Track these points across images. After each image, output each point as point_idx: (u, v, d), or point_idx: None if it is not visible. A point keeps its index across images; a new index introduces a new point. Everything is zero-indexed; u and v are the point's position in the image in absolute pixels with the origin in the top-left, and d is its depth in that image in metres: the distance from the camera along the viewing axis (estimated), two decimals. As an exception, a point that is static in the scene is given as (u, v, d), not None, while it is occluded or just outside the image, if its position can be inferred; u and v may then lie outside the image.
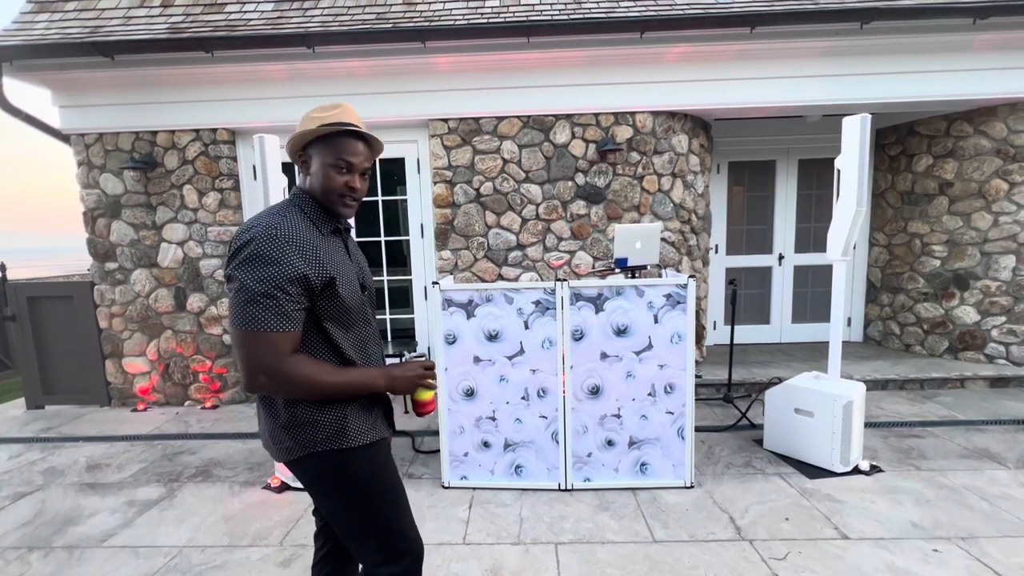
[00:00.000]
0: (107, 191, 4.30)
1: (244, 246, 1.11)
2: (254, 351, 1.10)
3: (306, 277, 1.13)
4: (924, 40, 3.92)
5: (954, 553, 2.16)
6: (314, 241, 1.18)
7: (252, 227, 1.14)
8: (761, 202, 5.37)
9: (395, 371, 1.27)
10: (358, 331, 1.28)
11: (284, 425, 1.21)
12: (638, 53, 3.97)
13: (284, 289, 1.10)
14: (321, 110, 1.23)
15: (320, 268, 1.16)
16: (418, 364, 1.30)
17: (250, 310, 1.09)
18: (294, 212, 1.21)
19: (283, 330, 1.11)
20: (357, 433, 1.24)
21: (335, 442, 1.22)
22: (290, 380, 1.13)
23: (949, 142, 4.51)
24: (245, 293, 1.09)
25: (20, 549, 2.39)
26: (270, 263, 1.10)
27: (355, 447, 1.23)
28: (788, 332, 5.48)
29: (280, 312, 1.10)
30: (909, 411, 3.76)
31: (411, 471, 3.07)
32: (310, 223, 1.21)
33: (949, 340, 4.64)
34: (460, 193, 4.24)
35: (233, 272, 1.12)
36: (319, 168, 1.22)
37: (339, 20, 3.98)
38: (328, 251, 1.21)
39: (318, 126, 1.20)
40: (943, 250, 4.61)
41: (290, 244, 1.13)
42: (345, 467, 1.24)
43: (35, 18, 4.21)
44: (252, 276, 1.09)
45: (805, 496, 2.65)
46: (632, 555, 2.21)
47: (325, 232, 1.24)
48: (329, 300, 1.19)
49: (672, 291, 2.65)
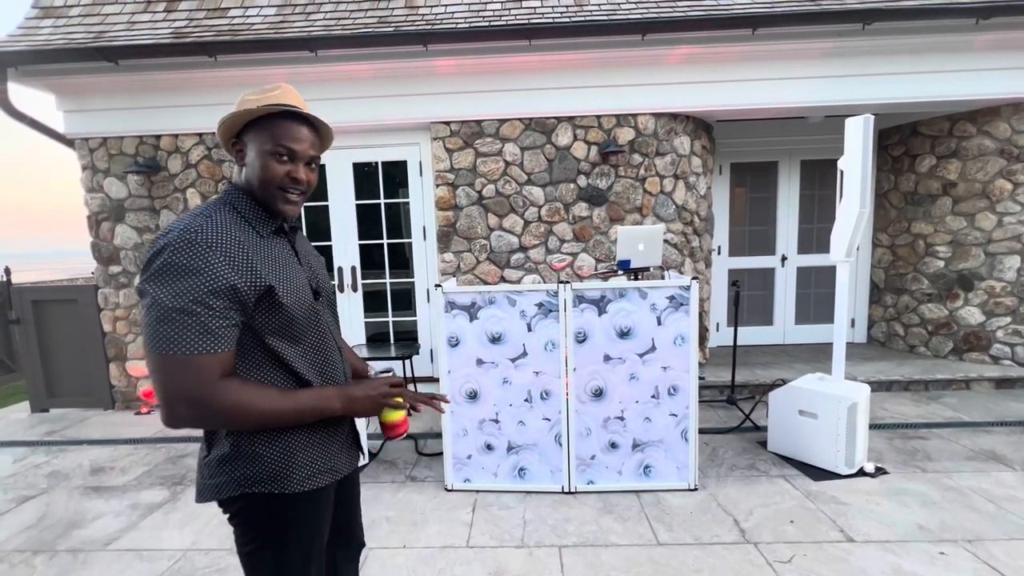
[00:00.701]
0: (111, 195, 4.33)
1: (157, 254, 0.94)
2: (172, 378, 0.92)
3: (234, 287, 0.96)
4: (927, 40, 3.91)
5: (960, 556, 2.14)
6: (246, 244, 1.01)
7: (168, 231, 0.97)
8: (764, 203, 5.36)
9: (354, 391, 1.10)
10: (310, 343, 1.11)
11: (221, 458, 1.03)
12: (640, 55, 3.97)
13: (205, 303, 0.93)
14: (258, 92, 1.07)
15: (253, 276, 0.99)
16: (383, 381, 1.14)
17: (164, 329, 0.91)
18: (223, 211, 1.03)
19: (207, 351, 0.93)
20: (305, 476, 1.07)
21: (275, 484, 1.04)
22: (220, 410, 0.94)
23: (952, 142, 4.50)
24: (158, 309, 0.91)
25: (25, 552, 2.39)
26: (188, 273, 0.93)
27: (300, 493, 1.06)
28: (791, 333, 5.46)
29: (202, 329, 0.93)
30: (914, 412, 3.74)
31: (414, 474, 3.06)
32: (244, 223, 1.04)
33: (954, 341, 4.62)
34: (462, 195, 4.24)
35: (144, 286, 0.94)
36: (256, 157, 1.05)
37: (341, 24, 3.99)
38: (267, 255, 1.04)
39: (256, 107, 1.04)
40: (947, 251, 4.60)
41: (213, 249, 0.95)
42: (283, 513, 1.07)
43: (40, 24, 4.24)
44: (166, 289, 0.92)
45: (810, 498, 2.63)
46: (636, 558, 2.20)
47: (265, 233, 1.07)
48: (269, 312, 1.02)
49: (675, 293, 2.65)
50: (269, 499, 1.05)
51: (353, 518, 1.40)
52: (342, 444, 1.18)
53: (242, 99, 1.07)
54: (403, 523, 2.53)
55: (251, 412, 0.97)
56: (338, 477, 1.16)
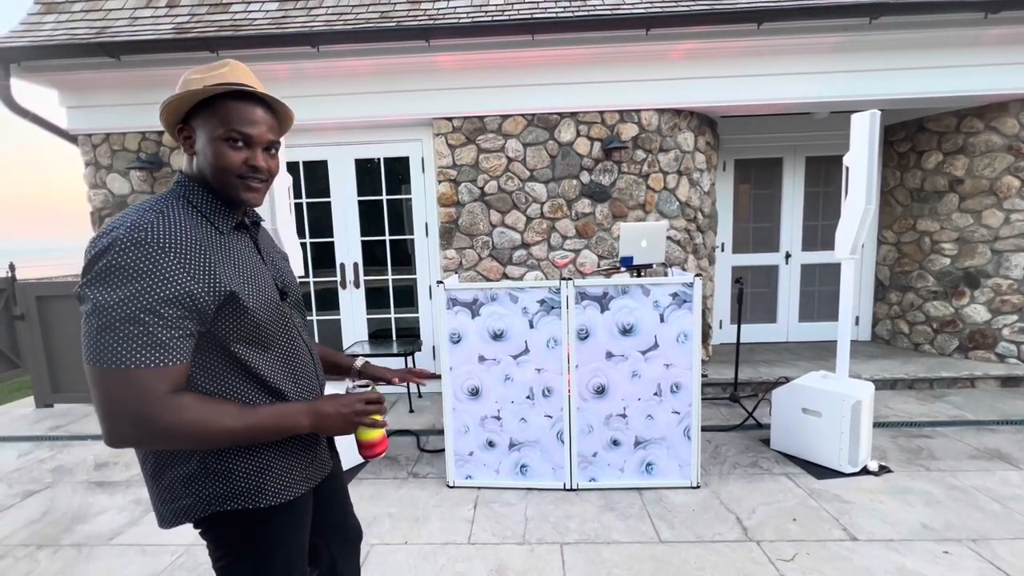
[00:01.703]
0: (114, 191, 4.33)
1: (100, 255, 0.82)
2: (112, 394, 0.81)
3: (190, 294, 0.85)
4: (934, 35, 3.86)
5: (965, 555, 2.13)
6: (204, 244, 0.90)
7: (112, 228, 0.84)
8: (768, 200, 5.33)
9: (325, 407, 0.99)
10: (281, 349, 1.02)
11: (187, 476, 0.93)
12: (643, 50, 3.94)
13: (155, 311, 0.82)
14: (204, 70, 0.94)
15: (212, 282, 0.88)
16: (357, 397, 1.03)
17: (106, 339, 0.80)
18: (175, 206, 0.91)
19: (156, 364, 0.82)
20: (280, 488, 1.00)
21: (249, 499, 0.96)
22: (168, 430, 0.83)
23: (959, 138, 4.45)
24: (100, 317, 0.80)
25: (29, 547, 2.41)
26: (136, 277, 0.81)
27: (275, 506, 1.00)
28: (795, 331, 5.44)
29: (150, 341, 0.82)
30: (918, 411, 3.72)
31: (416, 470, 3.07)
32: (201, 219, 0.93)
33: (959, 339, 4.59)
34: (465, 192, 4.23)
35: (84, 291, 0.82)
36: (207, 144, 0.93)
37: (343, 19, 3.98)
38: (228, 255, 0.94)
39: (201, 88, 0.91)
40: (953, 248, 4.56)
41: (165, 251, 0.84)
42: (258, 528, 1.00)
43: (42, 19, 4.24)
44: (110, 295, 0.80)
45: (813, 497, 2.62)
46: (638, 555, 2.20)
47: (224, 229, 0.96)
48: (233, 319, 0.92)
49: (678, 290, 2.63)
50: (243, 515, 0.97)
51: (344, 513, 1.32)
52: (318, 451, 1.10)
53: (185, 78, 0.93)
54: (405, 519, 2.53)
55: (204, 432, 0.86)
56: (313, 485, 1.09)
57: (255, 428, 0.92)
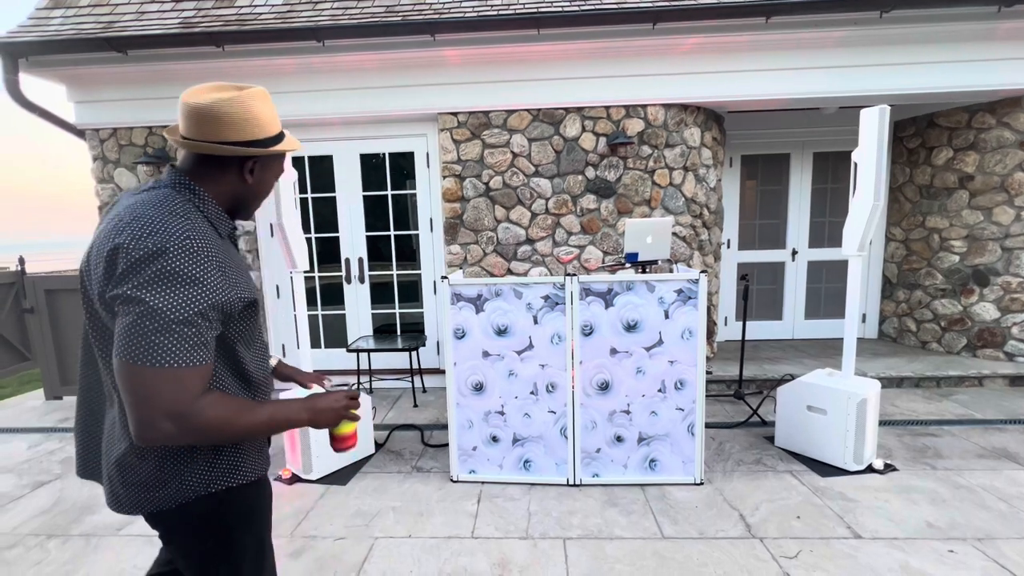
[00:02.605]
0: (121, 185, 4.36)
1: (150, 259, 0.87)
2: (160, 392, 0.86)
3: (226, 300, 0.94)
4: (946, 29, 3.81)
5: (970, 554, 2.12)
6: (222, 251, 0.98)
7: (152, 232, 0.88)
8: (775, 196, 5.29)
9: (319, 403, 1.10)
10: (259, 345, 1.13)
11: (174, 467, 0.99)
12: (650, 44, 3.91)
13: (205, 315, 0.90)
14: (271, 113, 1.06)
15: (239, 288, 0.98)
16: (343, 394, 1.15)
17: (162, 341, 0.86)
18: (193, 212, 0.98)
19: (199, 363, 0.90)
20: (253, 467, 1.10)
21: (232, 478, 1.05)
22: (203, 425, 0.90)
23: (970, 134, 4.39)
24: (158, 319, 0.86)
25: (39, 536, 2.44)
26: (191, 283, 0.88)
27: (251, 482, 1.09)
28: (801, 328, 5.41)
29: (200, 342, 0.90)
30: (925, 409, 3.69)
31: (420, 464, 3.08)
32: (209, 224, 1.00)
33: (967, 337, 4.55)
34: (469, 187, 4.22)
35: (136, 292, 0.86)
36: (266, 178, 1.10)
37: (348, 13, 3.97)
38: (233, 261, 1.02)
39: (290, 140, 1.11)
40: (962, 245, 4.51)
41: (209, 259, 0.92)
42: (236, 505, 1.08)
43: (50, 14, 4.26)
44: (169, 299, 0.86)
45: (817, 494, 2.61)
46: (641, 551, 2.20)
47: (224, 235, 1.06)
48: (244, 321, 1.03)
49: (683, 286, 2.62)
50: (225, 495, 1.04)
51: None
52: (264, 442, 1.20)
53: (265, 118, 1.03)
54: (409, 513, 2.55)
55: (231, 426, 0.94)
56: (266, 471, 1.17)
57: (267, 422, 0.99)
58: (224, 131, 0.99)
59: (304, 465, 2.90)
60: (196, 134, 0.99)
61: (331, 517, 2.53)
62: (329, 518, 2.52)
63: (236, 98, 0.99)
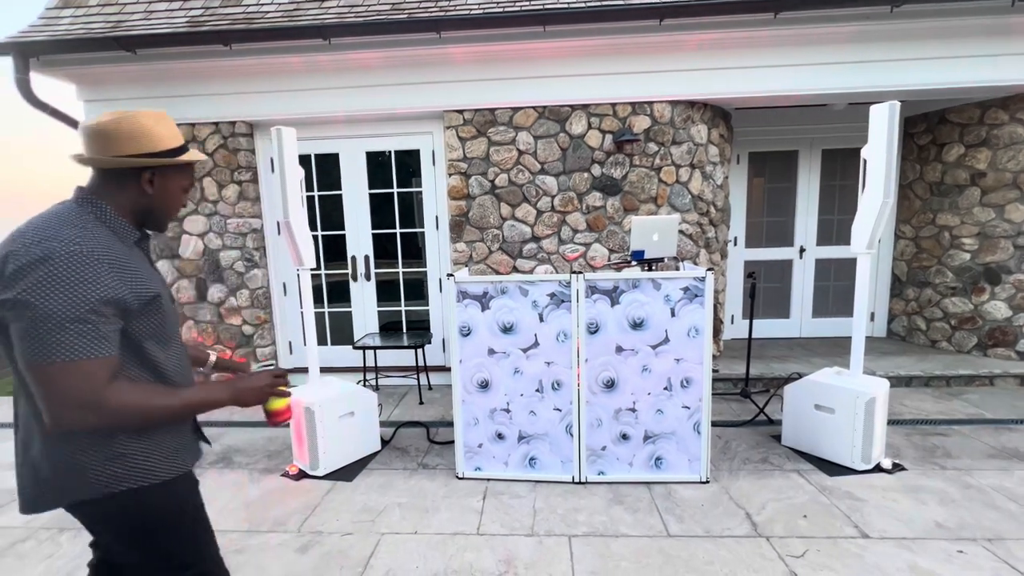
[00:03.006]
0: (130, 184, 4.39)
1: (35, 266, 0.93)
2: (66, 386, 0.94)
3: (121, 297, 1.00)
4: (958, 23, 3.75)
5: (980, 555, 2.10)
6: (121, 253, 1.05)
7: (41, 240, 0.95)
8: (782, 193, 5.25)
9: (240, 383, 1.20)
10: (175, 346, 1.18)
11: (83, 461, 1.03)
12: (657, 41, 3.88)
13: (98, 311, 0.96)
14: (171, 128, 1.15)
15: (138, 285, 1.04)
16: (267, 373, 1.25)
17: (59, 338, 0.92)
18: (90, 220, 1.05)
19: (101, 355, 0.96)
20: (169, 465, 1.13)
21: (144, 477, 1.08)
22: (116, 409, 0.98)
23: (983, 130, 4.33)
24: (51, 320, 0.92)
25: (51, 530, 2.48)
26: (78, 284, 0.94)
27: (167, 480, 1.13)
28: (808, 327, 5.37)
29: (97, 335, 0.96)
30: (934, 409, 3.66)
31: (426, 461, 3.09)
32: (111, 233, 1.07)
33: (978, 336, 4.50)
34: (475, 185, 4.22)
35: (25, 296, 0.92)
36: (169, 187, 1.15)
37: (354, 11, 3.97)
38: (139, 264, 1.09)
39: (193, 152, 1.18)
40: (973, 243, 4.46)
41: (99, 261, 0.98)
42: (153, 503, 1.11)
43: (60, 13, 4.30)
44: (58, 300, 0.92)
45: (824, 493, 2.60)
46: (646, 549, 2.20)
47: (128, 242, 1.11)
48: (150, 317, 1.08)
49: (690, 284, 2.61)
50: (139, 493, 1.08)
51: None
52: (189, 435, 1.24)
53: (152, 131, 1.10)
54: (414, 509, 2.56)
55: (148, 409, 1.02)
56: (189, 467, 1.21)
57: (186, 403, 1.08)
58: (115, 146, 1.07)
59: (311, 461, 2.92)
60: (93, 152, 1.08)
61: (338, 513, 2.55)
62: (336, 514, 2.54)
63: (125, 116, 1.08)
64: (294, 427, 2.99)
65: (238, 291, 4.43)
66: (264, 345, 4.50)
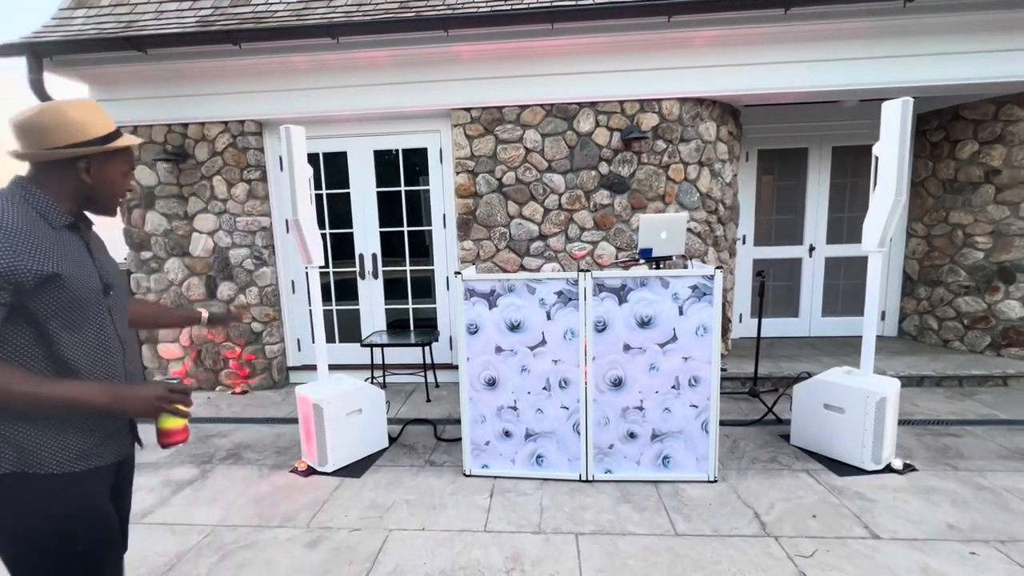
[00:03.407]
0: (142, 182, 4.44)
1: None
2: None
3: (12, 269, 1.00)
4: (973, 18, 3.69)
5: (992, 556, 2.08)
6: (34, 231, 1.05)
7: None
8: (792, 191, 5.20)
9: (125, 390, 1.09)
10: (91, 333, 1.13)
11: None
12: (665, 38, 3.86)
13: None
14: (100, 115, 1.17)
15: (35, 260, 1.02)
16: (162, 385, 1.14)
17: None
18: (11, 199, 1.07)
19: None
20: (54, 458, 1.07)
21: (28, 465, 1.05)
22: None
23: (997, 127, 4.26)
24: None
25: None
26: None
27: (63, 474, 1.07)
28: (817, 326, 5.32)
29: None
30: (946, 409, 3.62)
31: (433, 458, 3.11)
32: (35, 213, 1.08)
33: (991, 336, 4.43)
34: (482, 183, 4.22)
35: None
36: (107, 173, 1.17)
37: (362, 10, 3.98)
38: (55, 244, 1.08)
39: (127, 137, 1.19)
40: (987, 241, 4.39)
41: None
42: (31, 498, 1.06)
43: (73, 14, 4.35)
44: None
45: (834, 493, 2.58)
46: (654, 547, 2.20)
47: (57, 225, 1.11)
48: (54, 297, 1.06)
49: (698, 282, 2.60)
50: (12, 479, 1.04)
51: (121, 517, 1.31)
52: (110, 431, 1.17)
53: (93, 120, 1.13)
54: (422, 506, 2.57)
55: (7, 394, 0.99)
56: (103, 463, 1.15)
57: (48, 397, 1.02)
58: (45, 139, 1.08)
59: (319, 458, 2.94)
60: (25, 147, 1.09)
61: (346, 509, 2.57)
62: (344, 510, 2.56)
63: (48, 107, 1.08)
64: (303, 423, 3.02)
65: (247, 288, 4.47)
66: (273, 342, 4.54)
